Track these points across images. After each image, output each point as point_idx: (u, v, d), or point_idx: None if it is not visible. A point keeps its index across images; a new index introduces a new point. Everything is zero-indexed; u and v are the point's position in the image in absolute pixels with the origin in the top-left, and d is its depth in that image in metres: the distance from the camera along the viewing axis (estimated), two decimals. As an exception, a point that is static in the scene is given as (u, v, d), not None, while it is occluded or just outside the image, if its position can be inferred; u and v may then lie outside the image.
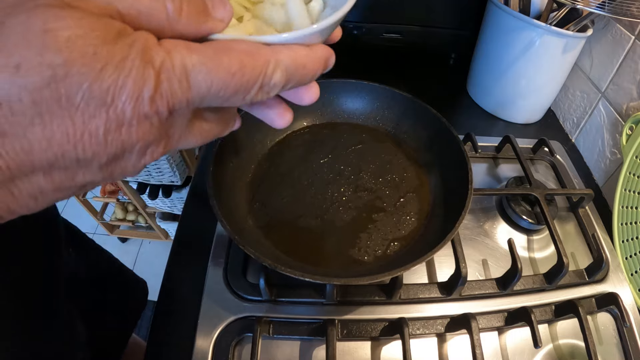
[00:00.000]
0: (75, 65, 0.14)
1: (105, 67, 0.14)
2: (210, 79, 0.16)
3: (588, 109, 0.63)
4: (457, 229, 0.39)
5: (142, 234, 1.57)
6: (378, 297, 0.41)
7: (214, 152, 0.43)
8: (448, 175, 0.48)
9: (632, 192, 0.49)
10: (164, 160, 1.11)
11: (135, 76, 0.15)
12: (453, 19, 0.71)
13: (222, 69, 0.16)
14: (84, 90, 0.14)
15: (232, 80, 0.17)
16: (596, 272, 0.44)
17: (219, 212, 0.37)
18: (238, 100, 0.18)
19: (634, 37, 0.52)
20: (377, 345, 0.39)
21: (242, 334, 0.38)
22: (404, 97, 0.53)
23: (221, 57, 0.16)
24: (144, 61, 0.15)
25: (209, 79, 0.16)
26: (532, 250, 0.49)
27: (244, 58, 0.17)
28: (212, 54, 0.16)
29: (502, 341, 0.41)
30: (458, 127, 0.50)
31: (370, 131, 0.55)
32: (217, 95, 0.17)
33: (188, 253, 0.46)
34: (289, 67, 0.18)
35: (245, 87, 0.17)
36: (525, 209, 0.50)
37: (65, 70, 0.14)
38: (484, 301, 0.43)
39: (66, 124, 0.14)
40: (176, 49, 0.16)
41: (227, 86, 0.17)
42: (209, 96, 0.17)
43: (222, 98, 0.17)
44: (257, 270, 0.43)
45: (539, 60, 0.58)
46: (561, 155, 0.60)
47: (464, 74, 0.74)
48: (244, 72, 0.17)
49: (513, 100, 0.65)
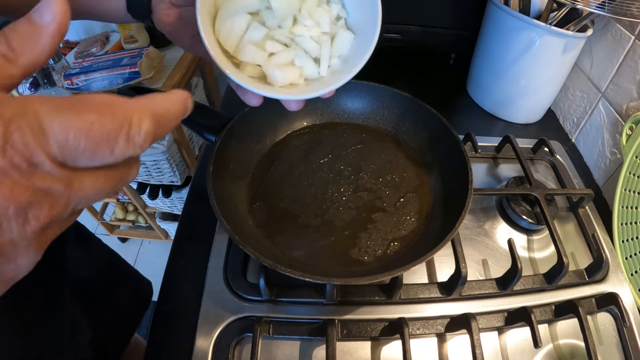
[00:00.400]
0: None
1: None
2: (67, 127, 0.15)
3: (588, 109, 0.63)
4: (457, 229, 0.39)
5: (142, 234, 1.57)
6: (378, 297, 0.41)
7: (214, 152, 0.43)
8: (448, 175, 0.48)
9: (632, 192, 0.49)
10: (164, 160, 1.11)
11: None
12: (453, 19, 0.71)
13: (79, 117, 0.15)
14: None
15: (91, 130, 0.16)
16: (596, 272, 0.44)
17: (219, 212, 0.37)
18: (106, 155, 0.16)
19: (634, 37, 0.52)
20: (377, 345, 0.39)
21: (242, 334, 0.38)
22: (404, 97, 0.53)
23: (78, 106, 0.16)
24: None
25: (66, 127, 0.15)
26: (532, 250, 0.49)
27: (103, 107, 0.16)
28: (69, 104, 0.16)
29: (502, 341, 0.41)
30: (458, 127, 0.50)
31: (370, 131, 0.55)
32: (79, 148, 0.16)
33: (188, 253, 0.46)
34: (155, 113, 0.18)
35: (108, 138, 0.16)
36: (525, 209, 0.50)
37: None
38: (484, 301, 0.43)
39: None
40: (29, 101, 0.15)
41: (88, 136, 0.16)
42: (69, 148, 0.15)
43: (87, 152, 0.16)
44: (257, 270, 0.43)
45: (539, 60, 0.58)
46: (561, 155, 0.60)
47: (464, 74, 0.74)
48: (103, 122, 0.16)
49: (513, 100, 0.65)
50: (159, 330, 0.41)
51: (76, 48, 1.27)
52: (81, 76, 1.04)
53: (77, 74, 1.04)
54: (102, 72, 1.04)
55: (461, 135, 0.51)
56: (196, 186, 0.54)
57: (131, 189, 1.29)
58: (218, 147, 0.43)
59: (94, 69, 1.05)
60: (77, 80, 1.04)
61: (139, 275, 0.68)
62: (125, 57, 1.08)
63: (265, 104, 0.33)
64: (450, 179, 0.47)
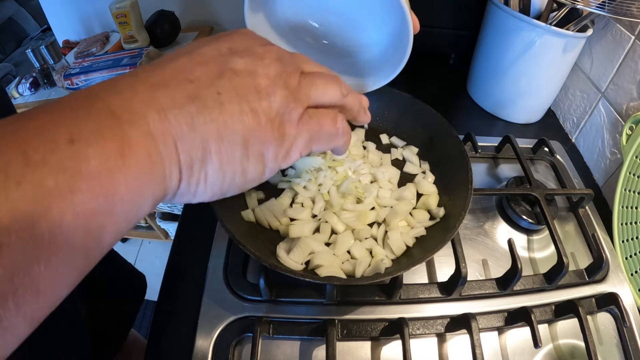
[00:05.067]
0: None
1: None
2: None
3: (588, 109, 0.63)
4: (457, 229, 0.39)
5: (142, 234, 1.57)
6: (378, 297, 0.41)
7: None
8: (448, 175, 0.48)
9: (632, 192, 0.49)
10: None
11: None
12: (453, 19, 0.71)
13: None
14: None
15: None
16: (596, 272, 0.44)
17: (219, 212, 0.37)
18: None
19: (634, 37, 0.52)
20: (377, 345, 0.39)
21: (242, 334, 0.38)
22: (403, 97, 0.53)
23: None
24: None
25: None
26: (532, 250, 0.49)
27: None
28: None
29: (502, 341, 0.41)
30: (458, 127, 0.50)
31: (370, 131, 0.55)
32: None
33: (188, 253, 0.46)
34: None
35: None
36: (525, 209, 0.50)
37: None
38: (484, 301, 0.43)
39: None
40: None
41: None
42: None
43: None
44: (257, 270, 0.43)
45: (539, 60, 0.58)
46: (561, 155, 0.60)
47: (464, 74, 0.74)
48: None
49: (513, 100, 0.65)
50: (159, 330, 0.41)
51: (76, 48, 1.27)
52: (81, 76, 1.04)
53: (77, 74, 1.04)
54: (102, 72, 1.04)
55: (461, 135, 0.51)
56: (196, 186, 0.54)
57: (131, 189, 1.29)
58: (218, 147, 0.43)
59: (94, 69, 1.05)
60: (77, 80, 1.04)
61: (132, 268, 0.68)
62: (125, 57, 1.08)
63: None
64: (450, 179, 0.47)
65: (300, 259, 0.39)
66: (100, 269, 0.60)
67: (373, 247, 0.42)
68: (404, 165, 0.51)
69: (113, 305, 0.60)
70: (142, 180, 0.19)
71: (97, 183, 0.17)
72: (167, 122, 0.20)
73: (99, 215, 0.17)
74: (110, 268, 0.62)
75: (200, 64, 0.23)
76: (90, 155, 0.17)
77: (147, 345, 0.40)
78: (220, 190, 0.23)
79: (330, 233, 0.43)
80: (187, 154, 0.21)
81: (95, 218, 0.17)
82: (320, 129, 0.26)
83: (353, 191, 0.45)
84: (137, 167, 0.18)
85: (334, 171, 0.47)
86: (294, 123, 0.25)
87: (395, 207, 0.45)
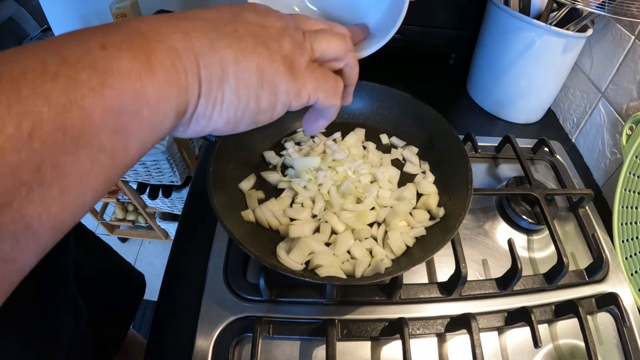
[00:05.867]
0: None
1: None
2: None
3: (588, 109, 0.63)
4: (457, 229, 0.39)
5: (142, 234, 1.57)
6: (378, 297, 0.41)
7: (214, 152, 0.43)
8: (448, 175, 0.48)
9: (632, 192, 0.49)
10: (164, 160, 1.11)
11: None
12: (453, 19, 0.71)
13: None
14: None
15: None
16: (596, 272, 0.44)
17: (219, 212, 0.37)
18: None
19: (634, 37, 0.52)
20: (377, 345, 0.39)
21: (242, 334, 0.38)
22: (403, 97, 0.53)
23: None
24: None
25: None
26: (532, 250, 0.49)
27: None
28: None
29: (502, 341, 0.41)
30: (458, 127, 0.50)
31: (370, 131, 0.55)
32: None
33: (188, 253, 0.46)
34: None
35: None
36: (525, 209, 0.50)
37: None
38: (484, 301, 0.43)
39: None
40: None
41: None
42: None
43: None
44: (257, 270, 0.43)
45: (539, 60, 0.58)
46: (561, 155, 0.60)
47: (464, 74, 0.74)
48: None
49: (513, 100, 0.65)
50: (159, 330, 0.40)
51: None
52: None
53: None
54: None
55: (461, 135, 0.51)
56: (196, 186, 0.54)
57: (131, 189, 1.29)
58: (218, 147, 0.43)
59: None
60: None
61: (132, 268, 0.69)
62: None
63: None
64: (450, 179, 0.47)
65: (300, 259, 0.39)
66: (100, 269, 0.60)
67: (373, 247, 0.42)
68: (404, 165, 0.51)
69: (112, 305, 0.60)
70: (167, 85, 0.20)
71: (127, 81, 0.18)
72: (190, 42, 0.22)
73: (126, 115, 0.19)
74: (109, 268, 0.62)
75: (216, 10, 0.25)
76: (121, 57, 0.18)
77: (147, 345, 0.39)
78: (235, 116, 0.25)
79: (330, 233, 0.43)
80: (207, 71, 0.22)
81: (123, 117, 0.18)
82: (326, 80, 0.28)
83: (353, 191, 0.45)
84: (162, 72, 0.20)
85: (334, 171, 0.47)
86: (302, 66, 0.27)
87: (395, 207, 0.45)
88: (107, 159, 0.18)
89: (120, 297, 0.63)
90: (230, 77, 0.23)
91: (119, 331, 0.62)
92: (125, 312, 0.64)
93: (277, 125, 0.53)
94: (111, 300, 0.60)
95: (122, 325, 0.63)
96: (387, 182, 0.48)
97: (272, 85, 0.25)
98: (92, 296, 0.53)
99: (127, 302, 0.64)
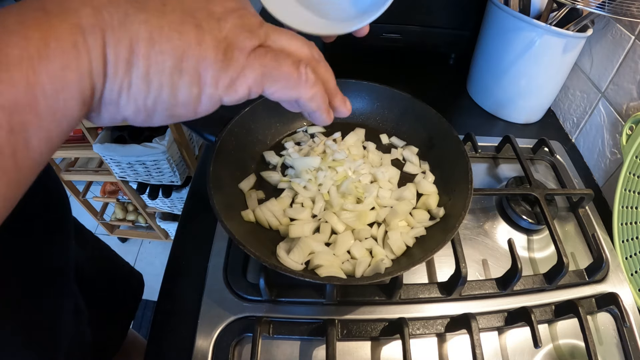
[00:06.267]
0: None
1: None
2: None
3: (588, 109, 0.63)
4: (457, 229, 0.39)
5: (142, 234, 1.57)
6: (378, 297, 0.41)
7: (214, 152, 0.43)
8: (448, 175, 0.48)
9: (632, 192, 0.49)
10: (164, 160, 1.11)
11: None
12: (453, 19, 0.71)
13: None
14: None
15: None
16: (596, 272, 0.44)
17: (219, 212, 0.37)
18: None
19: (634, 37, 0.52)
20: (377, 345, 0.39)
21: (242, 334, 0.38)
22: (403, 97, 0.53)
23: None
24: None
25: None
26: (532, 250, 0.49)
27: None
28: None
29: (502, 341, 0.41)
30: (458, 127, 0.50)
31: (370, 131, 0.55)
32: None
33: (188, 253, 0.46)
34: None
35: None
36: (525, 209, 0.50)
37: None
38: (484, 301, 0.43)
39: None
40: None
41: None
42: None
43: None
44: (257, 270, 0.43)
45: (539, 60, 0.58)
46: (561, 155, 0.60)
47: (464, 74, 0.74)
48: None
49: (513, 100, 0.65)
50: (159, 330, 0.40)
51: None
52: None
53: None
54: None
55: (461, 135, 0.51)
56: (196, 186, 0.54)
57: (131, 189, 1.29)
58: (218, 147, 0.43)
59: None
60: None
61: (130, 267, 0.69)
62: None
63: (265, 105, 0.33)
64: (450, 179, 0.47)
65: (300, 259, 0.39)
66: (100, 269, 0.60)
67: (373, 247, 0.42)
68: (404, 165, 0.51)
69: (112, 305, 0.60)
70: (64, 71, 0.18)
71: (17, 71, 0.16)
72: (100, 17, 0.19)
73: (21, 109, 0.17)
74: (109, 268, 0.63)
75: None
76: (11, 43, 0.16)
77: (147, 345, 0.39)
78: (145, 106, 0.21)
79: (330, 233, 0.43)
80: (114, 50, 0.19)
81: (18, 112, 0.16)
82: (277, 67, 0.23)
83: (353, 191, 0.45)
84: (60, 56, 0.18)
85: (334, 171, 0.47)
86: (245, 52, 0.22)
87: (395, 207, 0.45)
88: (8, 161, 0.17)
89: (119, 297, 0.63)
90: (140, 59, 0.20)
91: (118, 331, 0.62)
92: (125, 312, 0.64)
93: (275, 126, 0.53)
94: (111, 300, 0.60)
95: (122, 325, 0.63)
96: (387, 182, 0.48)
97: (194, 73, 0.21)
98: (92, 296, 0.53)
99: (127, 302, 0.65)
